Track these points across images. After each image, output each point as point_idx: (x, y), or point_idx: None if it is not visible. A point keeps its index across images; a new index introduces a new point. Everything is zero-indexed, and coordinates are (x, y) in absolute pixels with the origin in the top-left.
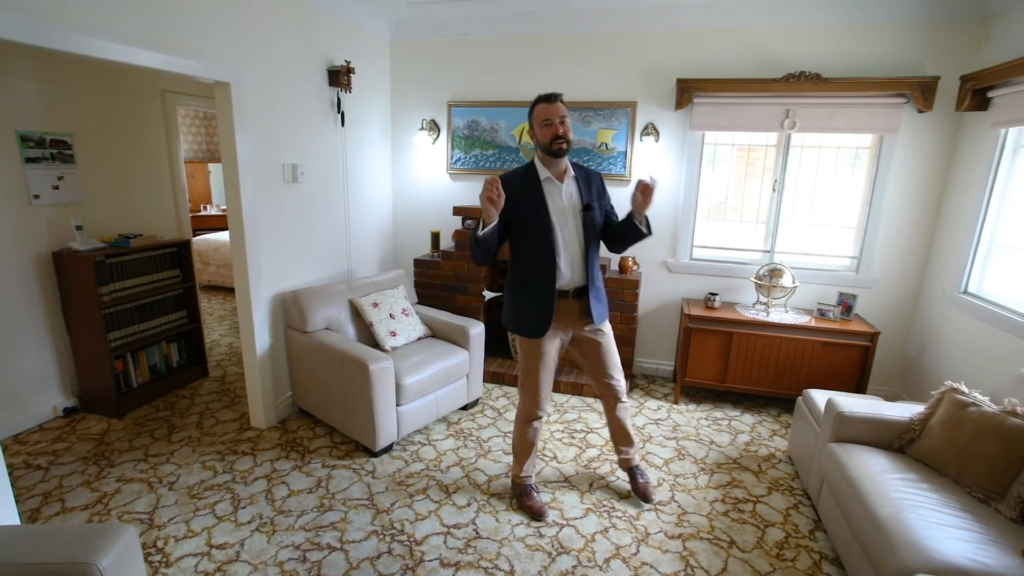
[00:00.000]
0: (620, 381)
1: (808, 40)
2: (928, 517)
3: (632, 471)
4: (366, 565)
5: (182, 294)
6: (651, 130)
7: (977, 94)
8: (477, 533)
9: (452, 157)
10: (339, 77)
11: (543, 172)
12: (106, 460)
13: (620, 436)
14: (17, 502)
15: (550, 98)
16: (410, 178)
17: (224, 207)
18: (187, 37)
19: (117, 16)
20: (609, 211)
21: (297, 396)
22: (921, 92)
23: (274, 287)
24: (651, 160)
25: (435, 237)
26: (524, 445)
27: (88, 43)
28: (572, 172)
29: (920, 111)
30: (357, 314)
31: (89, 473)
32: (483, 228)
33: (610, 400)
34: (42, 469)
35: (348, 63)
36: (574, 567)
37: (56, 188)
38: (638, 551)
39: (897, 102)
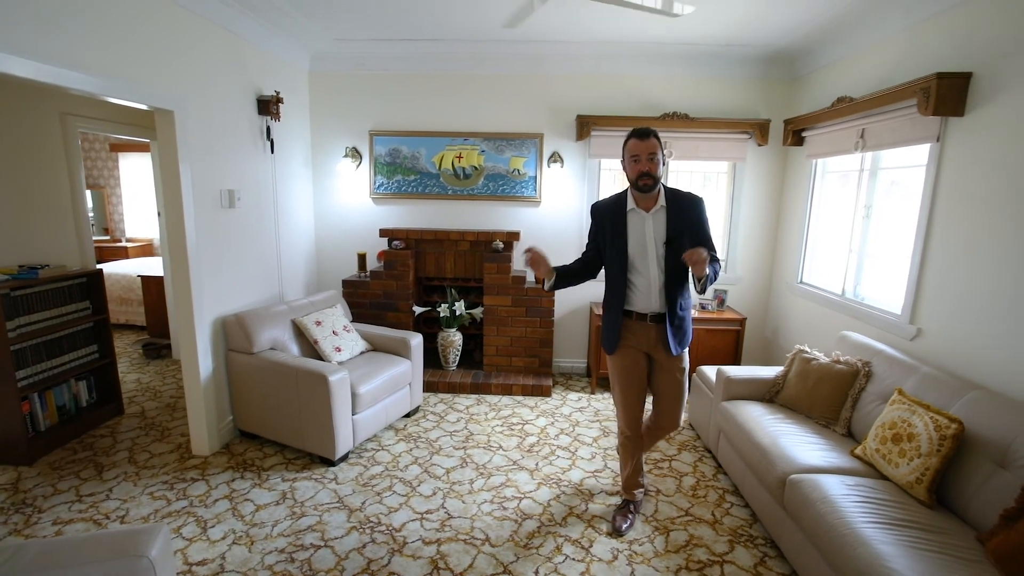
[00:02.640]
0: (676, 420)
1: (678, 87)
2: (793, 440)
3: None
4: (354, 555)
5: (92, 327)
6: (557, 158)
7: (796, 133)
8: (449, 514)
9: (375, 182)
10: (268, 106)
11: (630, 203)
12: (31, 507)
13: (637, 467)
14: None
15: (642, 134)
16: (334, 202)
17: (101, 237)
18: (133, 65)
19: (72, 43)
20: (702, 243)
21: (239, 419)
22: (759, 130)
23: (215, 312)
24: (558, 184)
25: (362, 259)
26: (621, 456)
27: (43, 70)
28: (663, 203)
29: (759, 144)
30: (299, 333)
31: (14, 522)
32: (547, 284)
33: (658, 431)
34: None
35: (278, 93)
36: (539, 527)
37: None
38: (587, 508)
39: (743, 137)
